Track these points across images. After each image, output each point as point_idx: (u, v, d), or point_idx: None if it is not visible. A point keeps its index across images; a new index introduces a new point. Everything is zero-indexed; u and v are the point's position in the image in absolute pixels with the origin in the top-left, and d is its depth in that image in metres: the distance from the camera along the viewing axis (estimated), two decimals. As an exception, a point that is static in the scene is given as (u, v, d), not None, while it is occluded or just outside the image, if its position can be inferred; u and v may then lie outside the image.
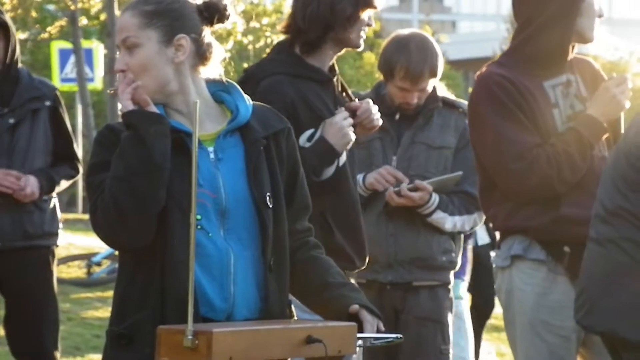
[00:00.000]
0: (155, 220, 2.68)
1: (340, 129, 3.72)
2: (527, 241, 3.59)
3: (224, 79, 2.91)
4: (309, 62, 3.81)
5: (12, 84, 4.70)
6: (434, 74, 4.39)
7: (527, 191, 3.54)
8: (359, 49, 3.91)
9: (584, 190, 3.52)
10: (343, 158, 3.80)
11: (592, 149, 3.56)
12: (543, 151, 3.51)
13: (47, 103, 4.77)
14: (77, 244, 11.95)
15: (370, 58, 26.60)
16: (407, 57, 4.34)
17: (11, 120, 4.68)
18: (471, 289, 8.16)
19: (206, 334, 2.42)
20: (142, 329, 2.66)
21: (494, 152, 3.60)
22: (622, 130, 3.65)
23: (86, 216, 15.49)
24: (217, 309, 2.72)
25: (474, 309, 8.31)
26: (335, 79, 3.88)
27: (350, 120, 3.75)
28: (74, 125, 4.81)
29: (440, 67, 4.40)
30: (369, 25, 3.83)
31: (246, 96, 2.89)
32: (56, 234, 4.87)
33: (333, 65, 3.89)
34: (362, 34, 3.83)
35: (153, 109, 2.74)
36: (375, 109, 3.88)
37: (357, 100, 3.96)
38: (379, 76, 4.62)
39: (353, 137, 3.75)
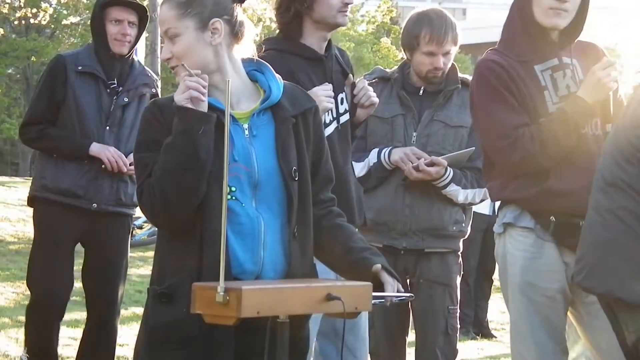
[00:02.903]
0: (195, 207, 2.68)
1: (316, 97, 3.53)
2: (518, 210, 3.58)
3: (256, 58, 2.89)
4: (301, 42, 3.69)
5: (129, 68, 4.87)
6: (455, 40, 4.34)
7: (512, 166, 3.53)
8: (344, 27, 3.79)
9: (574, 166, 3.49)
10: (330, 129, 3.69)
11: (579, 127, 3.51)
12: (528, 130, 3.48)
13: (153, 90, 4.93)
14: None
15: (387, 43, 26.47)
16: (429, 23, 4.31)
17: (125, 99, 4.82)
18: (481, 253, 8.16)
19: (236, 290, 2.41)
20: (181, 290, 2.66)
21: (485, 131, 3.61)
22: (612, 110, 3.60)
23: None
24: (248, 271, 2.72)
25: (483, 271, 8.31)
26: (329, 60, 3.73)
27: (331, 93, 3.62)
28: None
29: (459, 36, 4.35)
30: (346, 3, 3.64)
31: (277, 76, 2.87)
32: (137, 205, 5.01)
33: (329, 47, 3.75)
34: (339, 13, 3.63)
35: (205, 104, 2.70)
36: (370, 88, 3.80)
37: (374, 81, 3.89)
38: (393, 59, 4.57)
39: (330, 105, 3.62)
